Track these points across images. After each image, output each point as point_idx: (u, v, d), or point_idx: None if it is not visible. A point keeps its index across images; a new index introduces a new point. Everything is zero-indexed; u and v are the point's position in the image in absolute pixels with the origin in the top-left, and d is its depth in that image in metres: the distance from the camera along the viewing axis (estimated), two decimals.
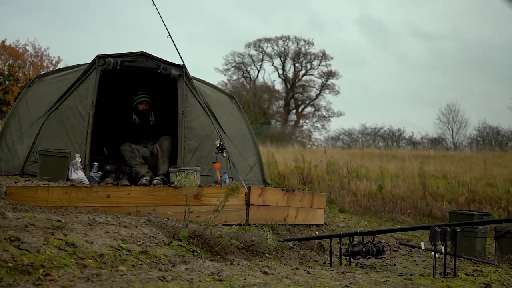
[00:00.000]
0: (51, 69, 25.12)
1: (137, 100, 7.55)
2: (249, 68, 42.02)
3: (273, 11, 60.53)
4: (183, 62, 6.98)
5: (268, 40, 41.22)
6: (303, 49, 41.07)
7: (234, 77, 42.06)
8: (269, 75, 57.55)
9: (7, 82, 24.61)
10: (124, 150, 7.12)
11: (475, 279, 4.12)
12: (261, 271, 3.79)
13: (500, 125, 35.69)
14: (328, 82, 41.35)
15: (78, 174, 6.32)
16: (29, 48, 27.37)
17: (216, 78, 42.58)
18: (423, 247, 4.49)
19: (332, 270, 4.15)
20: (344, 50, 55.56)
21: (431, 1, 59.20)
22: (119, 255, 3.61)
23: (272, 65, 41.68)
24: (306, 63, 41.32)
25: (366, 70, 57.17)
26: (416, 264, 5.12)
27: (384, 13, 61.58)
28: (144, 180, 6.83)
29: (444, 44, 57.15)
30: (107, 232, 3.97)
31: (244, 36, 58.95)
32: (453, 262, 4.23)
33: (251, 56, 41.65)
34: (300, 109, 41.49)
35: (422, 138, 33.38)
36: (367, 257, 4.50)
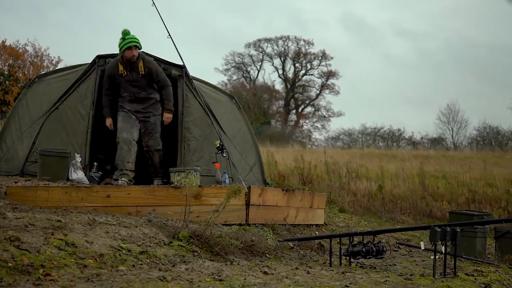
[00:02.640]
0: (51, 69, 25.13)
1: (125, 46, 6.42)
2: (249, 68, 42.12)
3: (255, 10, 60.73)
4: (183, 62, 7.00)
5: (268, 40, 41.33)
6: (303, 49, 41.13)
7: (234, 77, 42.14)
8: (269, 75, 57.66)
9: (7, 82, 24.62)
10: (121, 147, 6.46)
11: (475, 279, 4.13)
12: (261, 271, 3.79)
13: (500, 125, 35.75)
14: (328, 82, 41.40)
15: (78, 174, 6.34)
16: (29, 48, 27.42)
17: (216, 78, 42.74)
18: (423, 247, 4.50)
19: (332, 270, 4.15)
20: (330, 50, 55.78)
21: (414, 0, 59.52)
22: (119, 255, 3.61)
23: (272, 65, 41.76)
24: (306, 63, 41.39)
25: (353, 69, 57.42)
26: (416, 264, 5.12)
27: (366, 12, 61.89)
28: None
29: (430, 44, 57.44)
30: (107, 232, 3.97)
31: (226, 35, 59.06)
32: (453, 262, 4.23)
33: (251, 56, 41.76)
34: (300, 109, 41.54)
35: (422, 138, 33.43)
36: (367, 257, 4.50)
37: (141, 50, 6.64)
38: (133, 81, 6.61)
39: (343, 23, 59.14)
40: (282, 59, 41.44)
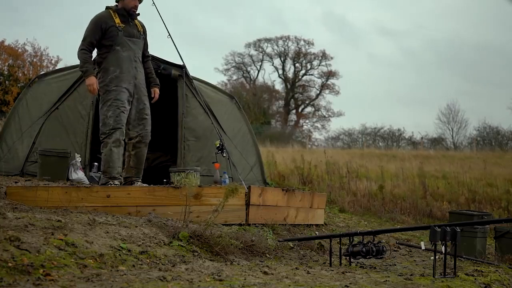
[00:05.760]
0: (50, 68, 25.20)
1: None
2: (249, 68, 42.23)
3: (236, 8, 60.91)
4: (183, 62, 7.02)
5: (268, 40, 41.49)
6: (303, 49, 41.24)
7: (234, 77, 42.25)
8: (269, 75, 57.92)
9: (7, 82, 24.70)
10: (112, 151, 5.46)
11: (475, 279, 4.13)
12: (261, 271, 3.80)
13: (500, 125, 35.88)
14: (328, 82, 41.51)
15: (78, 174, 6.36)
16: (28, 48, 27.50)
17: (216, 78, 42.89)
18: (423, 247, 4.51)
19: (332, 270, 4.16)
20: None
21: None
22: (119, 255, 3.61)
23: (272, 65, 41.89)
24: (306, 63, 41.51)
25: (340, 68, 57.65)
26: (416, 264, 5.14)
27: (347, 11, 62.25)
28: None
29: (413, 43, 57.71)
30: (107, 232, 3.97)
31: (207, 35, 59.30)
32: (453, 262, 4.24)
33: (251, 56, 41.91)
34: (300, 109, 41.63)
35: (422, 138, 33.51)
36: (367, 257, 4.51)
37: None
38: (133, 36, 5.61)
39: (324, 22, 59.58)
40: (282, 59, 41.62)
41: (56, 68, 24.77)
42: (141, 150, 5.69)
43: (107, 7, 5.69)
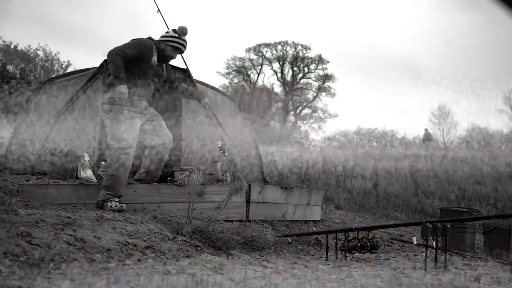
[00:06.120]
0: (61, 72, 25.26)
1: (177, 46, 5.57)
2: (249, 72, 42.28)
3: (236, 14, 60.41)
4: (186, 66, 7.10)
5: (267, 45, 41.57)
6: (300, 54, 41.31)
7: (235, 80, 42.33)
8: (269, 78, 57.47)
9: (18, 85, 24.79)
10: (118, 171, 5.11)
11: (465, 272, 4.19)
12: (261, 265, 3.87)
13: (489, 125, 35.83)
14: (325, 85, 41.52)
15: (86, 173, 6.44)
16: (40, 52, 27.56)
17: (218, 81, 42.69)
18: (415, 242, 4.52)
19: (329, 264, 4.22)
20: None
21: None
22: (126, 249, 3.65)
23: (271, 69, 41.98)
24: (303, 67, 41.51)
25: (334, 72, 56.90)
26: (409, 259, 5.17)
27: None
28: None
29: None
30: (114, 228, 4.02)
31: (210, 39, 59.03)
32: (443, 256, 4.29)
33: (251, 60, 41.94)
34: (298, 111, 41.68)
35: (414, 138, 33.54)
36: (362, 251, 4.59)
37: None
38: (159, 77, 5.64)
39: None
40: (280, 63, 41.64)
41: (66, 72, 24.80)
42: (162, 155, 5.57)
43: (150, 38, 5.49)
